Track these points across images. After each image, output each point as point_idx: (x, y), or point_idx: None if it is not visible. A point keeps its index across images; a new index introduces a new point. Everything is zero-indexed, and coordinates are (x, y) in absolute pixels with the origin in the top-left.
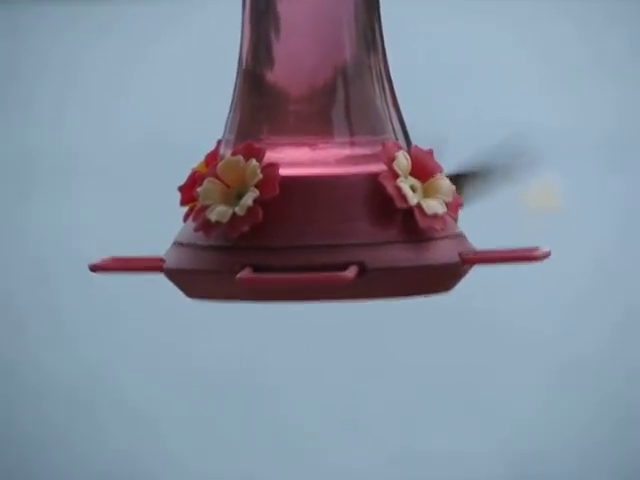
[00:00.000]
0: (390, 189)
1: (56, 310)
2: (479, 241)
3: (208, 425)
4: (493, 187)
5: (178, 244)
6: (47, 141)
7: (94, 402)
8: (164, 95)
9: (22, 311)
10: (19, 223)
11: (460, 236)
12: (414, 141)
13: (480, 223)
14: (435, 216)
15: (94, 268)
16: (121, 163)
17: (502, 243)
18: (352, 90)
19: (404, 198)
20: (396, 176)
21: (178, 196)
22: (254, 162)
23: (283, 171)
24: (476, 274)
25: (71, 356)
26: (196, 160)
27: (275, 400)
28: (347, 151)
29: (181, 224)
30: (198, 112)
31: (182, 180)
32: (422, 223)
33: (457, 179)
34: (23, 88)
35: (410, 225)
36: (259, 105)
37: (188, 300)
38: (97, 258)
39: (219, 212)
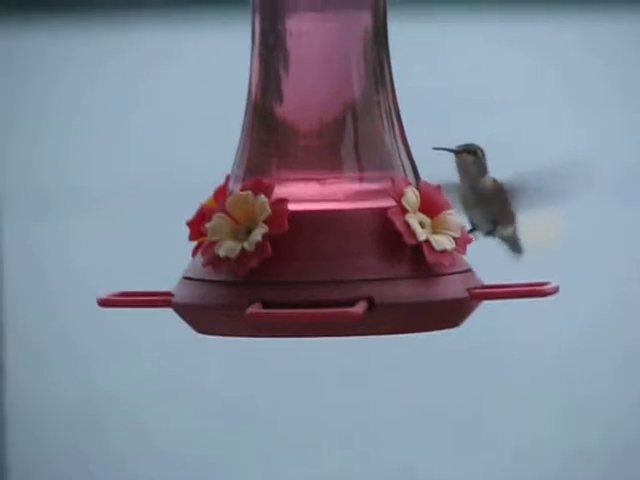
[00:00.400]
0: (399, 225)
1: (67, 342)
2: (490, 276)
3: (211, 447)
4: (540, 203)
5: (187, 279)
6: (53, 177)
7: (102, 425)
8: (170, 130)
9: (35, 341)
10: (29, 255)
11: (469, 271)
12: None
13: (490, 258)
14: (443, 252)
15: (102, 303)
16: (128, 198)
17: (517, 277)
18: (361, 126)
19: (413, 234)
20: (405, 212)
21: (186, 231)
22: (263, 197)
23: (292, 206)
24: (482, 307)
25: (80, 381)
26: (203, 195)
27: (277, 427)
28: (356, 186)
29: (189, 259)
30: (204, 147)
31: (189, 215)
32: (430, 259)
33: (511, 188)
34: (26, 123)
35: (419, 261)
36: (268, 140)
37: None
38: (106, 292)
39: (228, 248)
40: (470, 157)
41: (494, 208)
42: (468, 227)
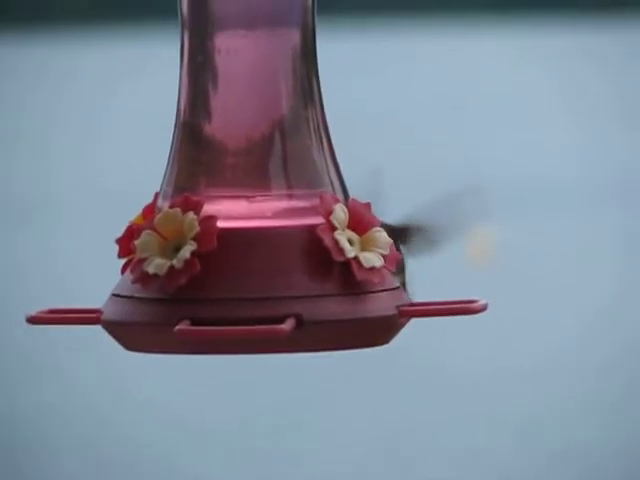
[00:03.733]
0: (327, 242)
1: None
2: (428, 294)
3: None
4: (439, 240)
5: (116, 296)
6: (27, 188)
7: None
8: (146, 140)
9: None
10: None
11: (397, 289)
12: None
13: (424, 275)
14: (372, 269)
15: (32, 320)
16: (104, 207)
17: (453, 295)
18: (289, 143)
19: (341, 251)
20: (333, 229)
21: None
22: (192, 215)
23: (221, 224)
24: (419, 325)
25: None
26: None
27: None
28: (284, 204)
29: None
30: (146, 161)
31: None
32: (359, 276)
33: (402, 230)
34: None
35: (347, 278)
36: (196, 158)
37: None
38: (35, 310)
39: (157, 265)
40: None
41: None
42: None
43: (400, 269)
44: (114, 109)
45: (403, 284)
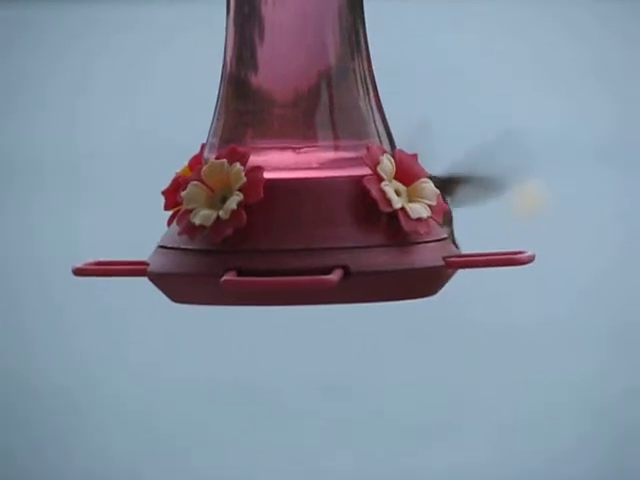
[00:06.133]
0: (374, 193)
1: (57, 315)
2: (468, 246)
3: (205, 427)
4: (484, 192)
5: (162, 248)
6: (53, 141)
7: (92, 408)
8: (162, 99)
9: (24, 317)
10: (20, 227)
11: (444, 240)
12: (399, 144)
13: (470, 228)
14: (419, 220)
15: (78, 272)
16: (113, 166)
17: (498, 248)
18: (336, 94)
19: (388, 202)
20: (380, 180)
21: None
22: (238, 166)
23: (267, 175)
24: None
25: (70, 362)
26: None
27: (271, 403)
28: (331, 155)
29: (165, 228)
30: (192, 114)
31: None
32: (406, 227)
33: (449, 182)
34: (30, 92)
35: (394, 229)
36: (243, 109)
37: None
38: (81, 262)
39: (203, 216)
40: None
41: None
42: None
43: (448, 221)
44: (156, 66)
45: (450, 235)
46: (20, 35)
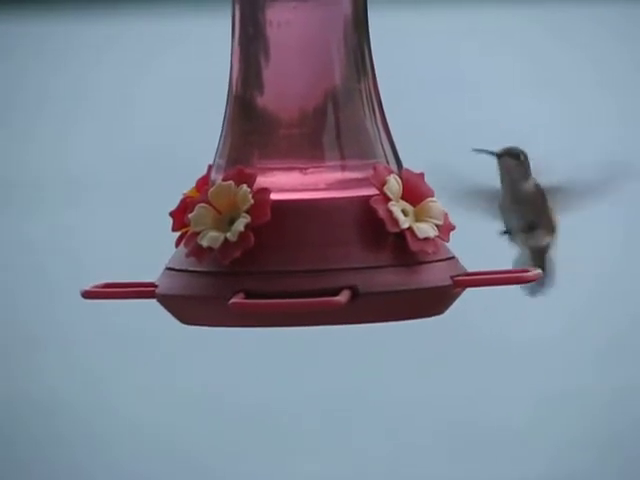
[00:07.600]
0: (381, 213)
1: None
2: (471, 264)
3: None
4: (582, 201)
5: (170, 270)
6: (50, 160)
7: (97, 420)
8: (167, 113)
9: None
10: (23, 242)
11: (452, 259)
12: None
13: (473, 247)
14: (426, 239)
15: (87, 295)
16: (126, 185)
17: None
18: (342, 114)
19: (395, 222)
20: (387, 200)
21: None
22: (245, 187)
23: (274, 196)
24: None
25: (76, 376)
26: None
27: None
28: (338, 175)
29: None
30: (199, 131)
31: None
32: (413, 246)
33: (554, 192)
34: (26, 106)
35: (402, 249)
36: (249, 130)
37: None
38: (90, 284)
39: (211, 238)
40: (512, 160)
41: (532, 212)
42: (502, 230)
43: (552, 229)
44: (150, 82)
45: (546, 252)
46: (18, 49)
